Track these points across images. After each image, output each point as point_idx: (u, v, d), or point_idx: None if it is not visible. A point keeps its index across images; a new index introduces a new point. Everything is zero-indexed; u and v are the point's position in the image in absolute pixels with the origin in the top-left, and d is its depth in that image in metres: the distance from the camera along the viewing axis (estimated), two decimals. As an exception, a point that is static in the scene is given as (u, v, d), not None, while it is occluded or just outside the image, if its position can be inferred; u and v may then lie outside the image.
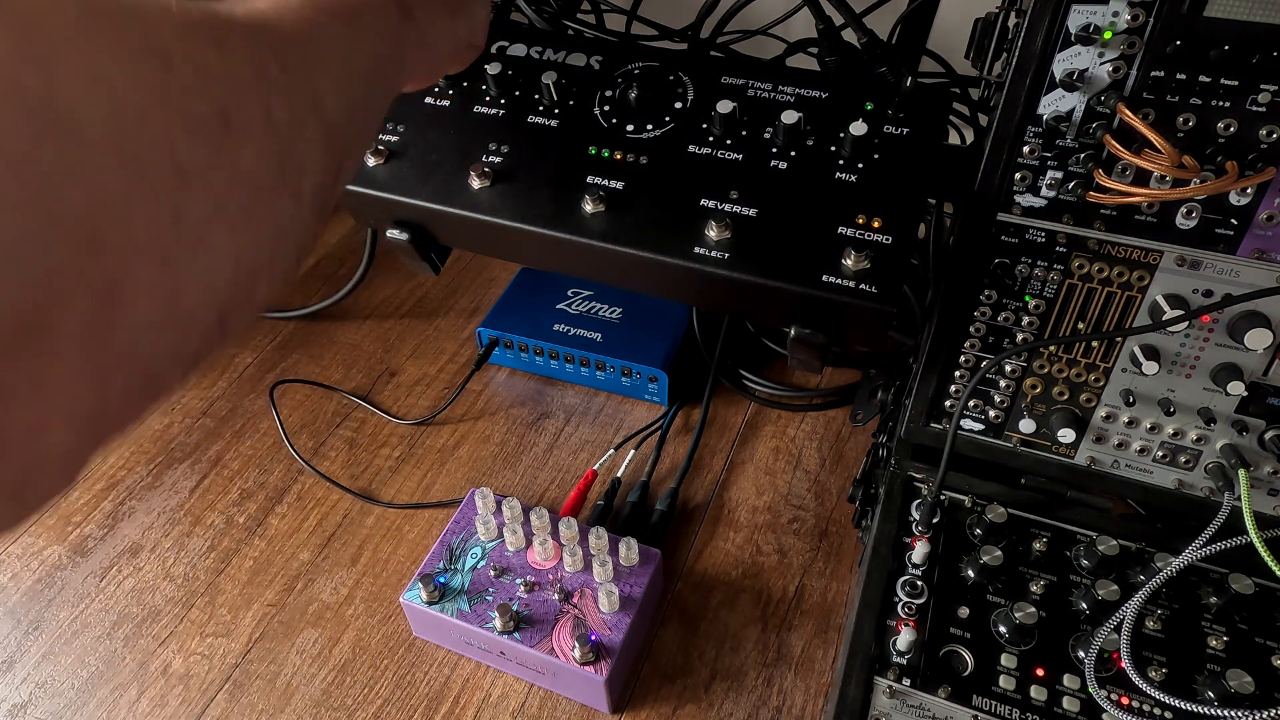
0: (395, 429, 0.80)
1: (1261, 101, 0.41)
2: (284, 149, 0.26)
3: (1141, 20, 0.41)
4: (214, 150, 0.22)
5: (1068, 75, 0.43)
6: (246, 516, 0.73)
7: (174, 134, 0.21)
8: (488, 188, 0.54)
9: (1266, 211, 0.43)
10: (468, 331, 0.91)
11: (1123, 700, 0.46)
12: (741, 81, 0.55)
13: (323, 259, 1.03)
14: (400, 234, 0.59)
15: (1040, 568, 0.53)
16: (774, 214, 0.50)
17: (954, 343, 0.53)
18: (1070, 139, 0.45)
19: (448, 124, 0.58)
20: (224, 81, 0.23)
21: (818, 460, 0.76)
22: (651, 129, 0.55)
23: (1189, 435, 0.51)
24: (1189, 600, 0.51)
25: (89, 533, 0.72)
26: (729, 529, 0.70)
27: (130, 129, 0.19)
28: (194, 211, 0.22)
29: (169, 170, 0.21)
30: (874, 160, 0.51)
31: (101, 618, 0.66)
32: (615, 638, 0.57)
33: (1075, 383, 0.52)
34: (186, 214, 0.21)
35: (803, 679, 0.60)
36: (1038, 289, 0.49)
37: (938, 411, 0.56)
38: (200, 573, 0.69)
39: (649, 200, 0.52)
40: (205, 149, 0.22)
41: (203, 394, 0.85)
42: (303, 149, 0.27)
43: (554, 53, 0.59)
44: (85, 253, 0.18)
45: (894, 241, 0.48)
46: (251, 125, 0.24)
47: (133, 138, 0.20)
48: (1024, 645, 0.49)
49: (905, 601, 0.51)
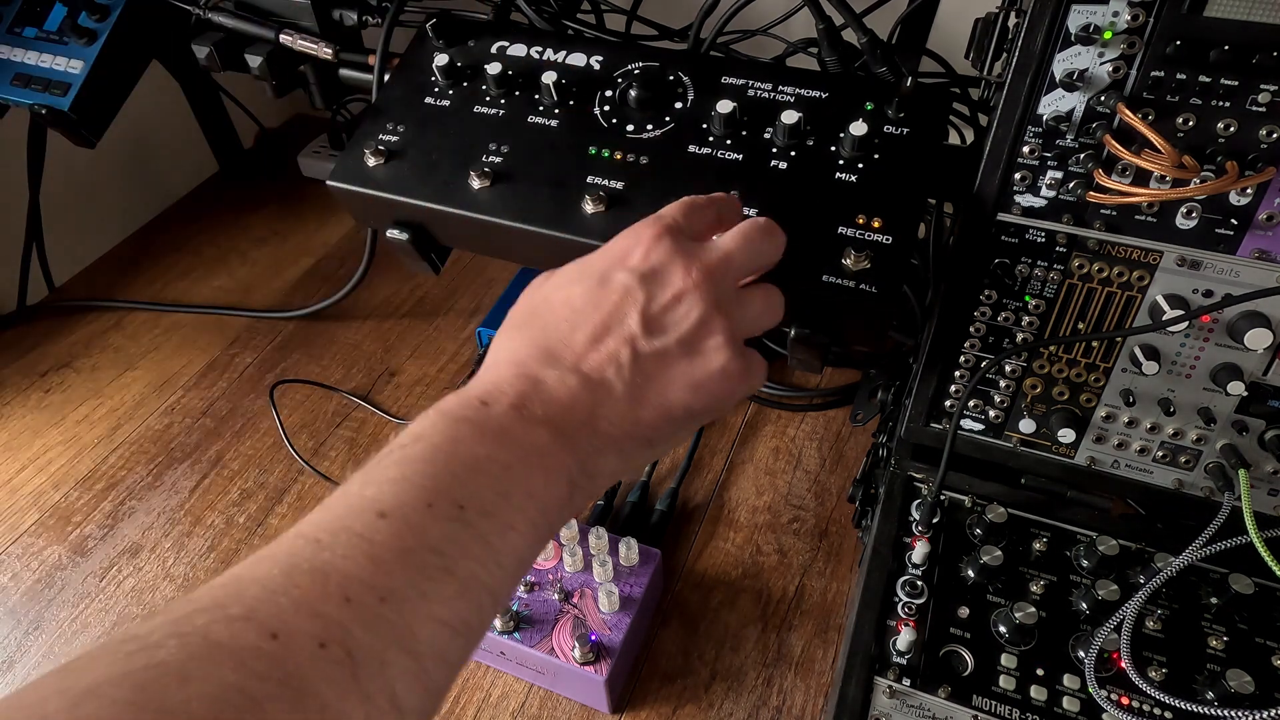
0: (395, 429, 0.80)
1: (1261, 101, 0.41)
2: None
3: (1141, 20, 0.41)
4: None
5: (1068, 75, 0.43)
6: (246, 516, 0.73)
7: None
8: (488, 188, 0.54)
9: (1266, 211, 0.43)
10: (468, 331, 0.91)
11: (1123, 700, 0.46)
12: (741, 81, 0.55)
13: (322, 259, 1.03)
14: (400, 234, 0.59)
15: (1040, 568, 0.53)
16: (774, 214, 0.50)
17: (954, 343, 0.53)
18: (1070, 139, 0.45)
19: (448, 124, 0.58)
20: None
21: (818, 460, 0.76)
22: (651, 129, 0.55)
23: (1189, 435, 0.51)
24: (1189, 600, 0.51)
25: (89, 533, 0.72)
26: (729, 529, 0.70)
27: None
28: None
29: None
30: (874, 160, 0.51)
31: (101, 618, 0.66)
32: (615, 638, 0.57)
33: (1075, 383, 0.52)
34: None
35: (803, 679, 0.60)
36: (1038, 289, 0.49)
37: (938, 411, 0.56)
38: (200, 573, 0.69)
39: (649, 200, 0.52)
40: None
41: (203, 394, 0.85)
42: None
43: (554, 53, 0.59)
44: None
45: (894, 241, 0.48)
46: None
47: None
48: (1024, 645, 0.49)
49: (905, 601, 0.51)
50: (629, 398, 0.35)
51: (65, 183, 1.06)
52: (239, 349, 0.90)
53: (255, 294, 0.97)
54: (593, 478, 0.35)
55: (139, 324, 0.94)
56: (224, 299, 0.97)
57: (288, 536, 0.29)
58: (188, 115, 1.12)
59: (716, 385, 0.37)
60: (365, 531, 0.29)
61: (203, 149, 1.17)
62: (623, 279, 0.37)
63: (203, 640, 0.25)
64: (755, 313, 0.39)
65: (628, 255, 0.38)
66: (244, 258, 1.03)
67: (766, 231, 0.41)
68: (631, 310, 0.36)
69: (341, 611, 0.27)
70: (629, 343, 0.36)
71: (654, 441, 0.37)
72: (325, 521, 0.29)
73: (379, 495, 0.30)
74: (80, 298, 0.97)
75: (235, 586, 0.27)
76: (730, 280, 0.39)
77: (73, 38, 0.78)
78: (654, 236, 0.38)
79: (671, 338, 0.36)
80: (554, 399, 0.35)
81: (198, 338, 0.92)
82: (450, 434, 0.32)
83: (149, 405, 0.84)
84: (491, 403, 0.34)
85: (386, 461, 0.32)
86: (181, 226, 1.09)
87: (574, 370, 0.35)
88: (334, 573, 0.27)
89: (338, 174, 0.57)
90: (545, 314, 0.38)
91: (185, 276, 1.00)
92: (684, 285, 0.37)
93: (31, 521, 0.73)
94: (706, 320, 0.37)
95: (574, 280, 0.39)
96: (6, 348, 0.91)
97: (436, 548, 0.29)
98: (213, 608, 0.26)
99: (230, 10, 0.73)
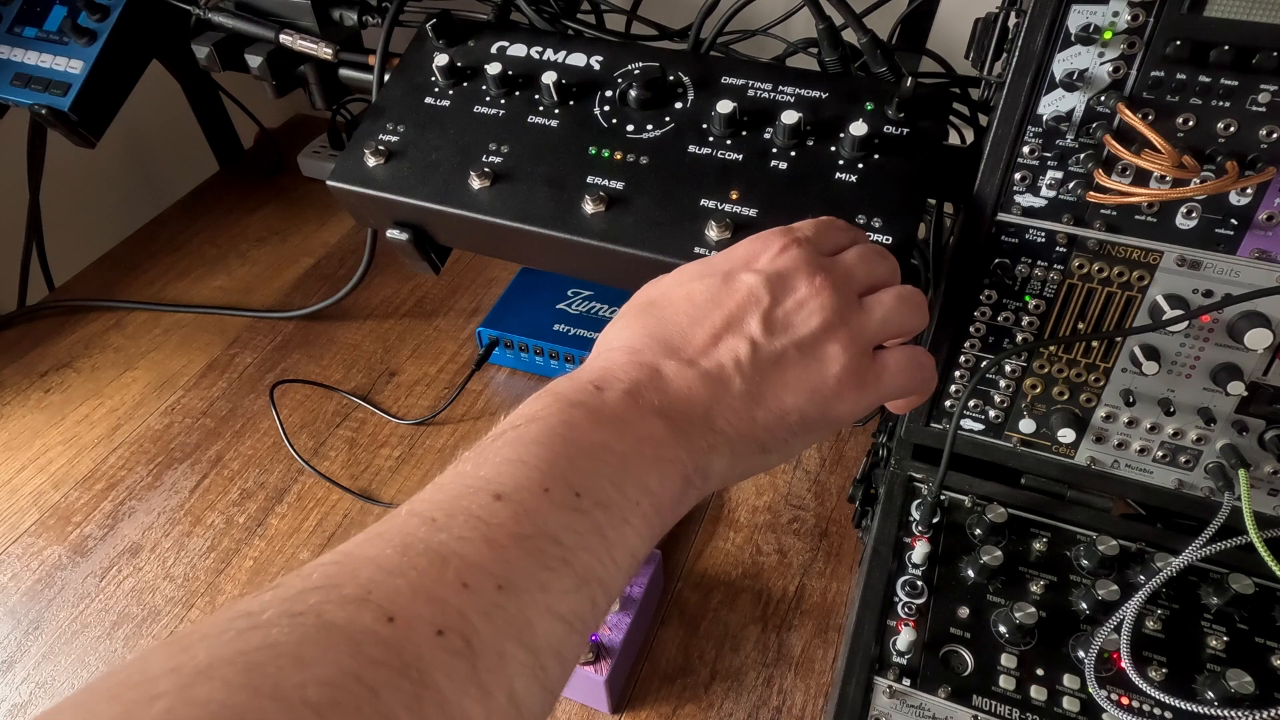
0: (395, 429, 0.80)
1: (1261, 101, 0.41)
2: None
3: (1141, 20, 0.41)
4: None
5: (1068, 75, 0.43)
6: (246, 516, 0.73)
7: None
8: (488, 188, 0.54)
9: (1266, 211, 0.43)
10: (468, 331, 0.91)
11: (1123, 700, 0.46)
12: (741, 81, 0.55)
13: (322, 259, 1.03)
14: (400, 234, 0.59)
15: (1040, 568, 0.53)
16: (774, 214, 0.50)
17: (954, 343, 0.53)
18: (1070, 139, 0.45)
19: (448, 124, 0.58)
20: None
21: (818, 460, 0.76)
22: (651, 129, 0.55)
23: (1189, 435, 0.51)
24: (1189, 600, 0.51)
25: (89, 533, 0.72)
26: (729, 529, 0.70)
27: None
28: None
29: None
30: (874, 160, 0.51)
31: (101, 618, 0.66)
32: (615, 638, 0.57)
33: (1075, 383, 0.52)
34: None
35: (803, 679, 0.60)
36: (1038, 289, 0.49)
37: (938, 411, 0.56)
38: (200, 573, 0.69)
39: (649, 200, 0.52)
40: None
41: (203, 394, 0.85)
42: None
43: (554, 53, 0.59)
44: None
45: (894, 241, 0.48)
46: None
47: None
48: (1024, 645, 0.49)
49: (905, 601, 0.51)
50: (746, 396, 0.35)
51: (65, 183, 1.06)
52: (239, 349, 0.90)
53: (255, 294, 0.97)
54: (706, 477, 0.34)
55: (139, 324, 0.94)
56: (224, 299, 0.97)
57: (400, 514, 0.28)
58: (188, 115, 1.12)
59: (831, 391, 0.36)
60: (482, 514, 0.28)
61: (203, 149, 1.17)
62: (748, 280, 0.37)
63: (317, 621, 0.24)
64: (878, 319, 0.39)
65: (755, 258, 0.38)
66: (244, 258, 1.03)
67: (879, 252, 0.41)
68: (754, 310, 0.36)
69: (460, 598, 0.25)
70: (749, 341, 0.35)
71: (768, 446, 0.36)
72: (440, 500, 0.29)
73: (494, 476, 0.29)
74: (80, 298, 0.97)
75: (349, 564, 0.26)
76: (852, 291, 0.38)
77: (73, 38, 0.78)
78: (783, 245, 0.38)
79: (790, 340, 0.36)
80: (671, 390, 0.34)
81: (198, 338, 0.92)
82: (565, 417, 0.32)
83: (149, 405, 0.84)
84: (606, 387, 0.33)
85: (500, 442, 0.31)
86: (181, 226, 1.09)
87: (691, 364, 0.35)
88: (452, 556, 0.26)
89: (338, 174, 0.57)
90: (665, 306, 0.38)
91: (185, 276, 1.00)
92: (808, 291, 0.37)
93: (31, 521, 0.73)
94: (827, 327, 0.36)
95: (697, 276, 0.38)
96: (6, 348, 0.91)
97: (555, 536, 0.28)
98: (326, 586, 0.25)
99: (230, 10, 0.73)
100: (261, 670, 0.22)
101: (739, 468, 0.36)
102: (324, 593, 0.25)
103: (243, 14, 0.72)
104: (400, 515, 0.28)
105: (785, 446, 0.37)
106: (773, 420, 0.35)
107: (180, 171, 1.17)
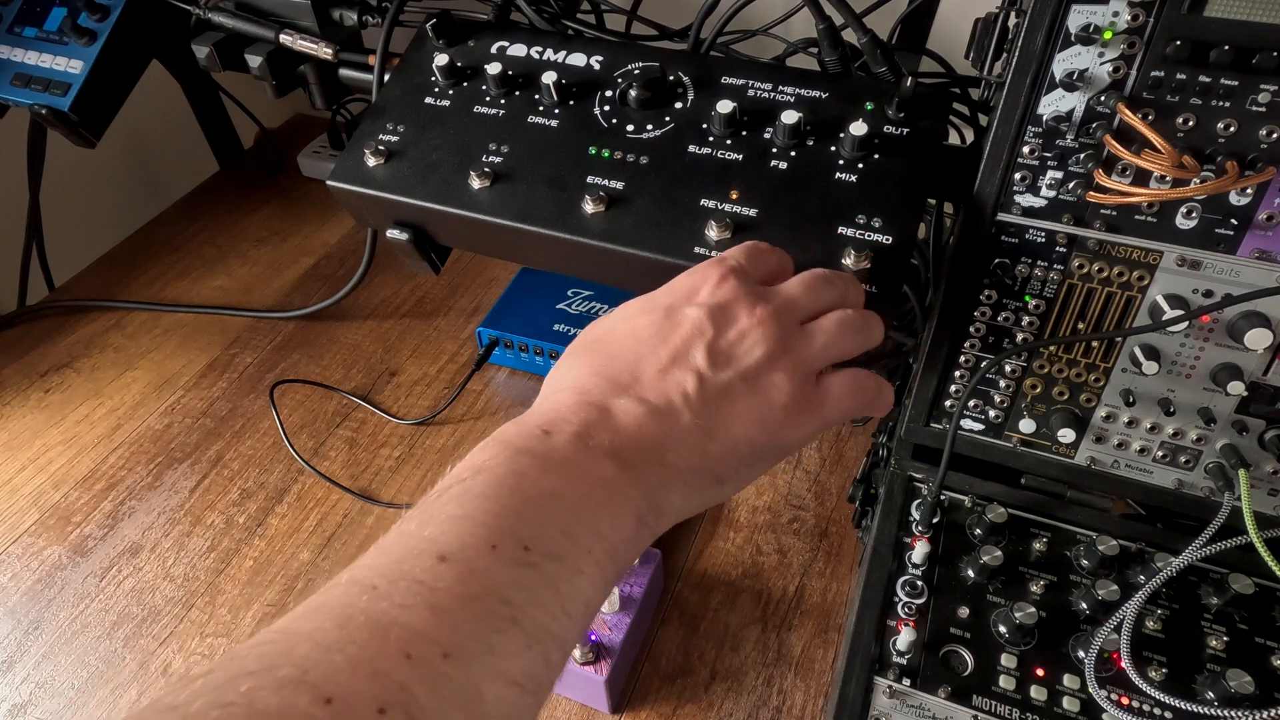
0: (395, 429, 0.80)
1: (1261, 101, 0.41)
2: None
3: (1141, 20, 0.41)
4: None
5: (1068, 75, 0.43)
6: (246, 516, 0.73)
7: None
8: (488, 188, 0.54)
9: (1266, 211, 0.43)
10: (468, 331, 0.91)
11: (1123, 700, 0.46)
12: (741, 81, 0.55)
13: (322, 259, 1.03)
14: (400, 234, 0.59)
15: (1040, 568, 0.53)
16: (774, 214, 0.50)
17: (954, 343, 0.53)
18: (1070, 139, 0.45)
19: (448, 124, 0.58)
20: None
21: (818, 460, 0.76)
22: (651, 129, 0.55)
23: (1189, 435, 0.51)
24: (1189, 600, 0.51)
25: (89, 533, 0.72)
26: (729, 529, 0.70)
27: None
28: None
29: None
30: (874, 160, 0.51)
31: (101, 618, 0.66)
32: (615, 638, 0.57)
33: (1075, 383, 0.52)
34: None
35: (803, 679, 0.60)
36: (1038, 289, 0.49)
37: (938, 411, 0.56)
38: (200, 573, 0.69)
39: (649, 200, 0.52)
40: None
41: (203, 394, 0.85)
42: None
43: (554, 53, 0.59)
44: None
45: (894, 241, 0.48)
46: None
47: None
48: (1024, 645, 0.49)
49: (905, 601, 0.51)
50: (697, 429, 0.35)
51: (65, 183, 1.06)
52: (239, 349, 0.90)
53: (255, 294, 0.97)
54: (660, 514, 0.34)
55: (139, 324, 0.94)
56: (224, 299, 0.97)
57: (340, 583, 0.27)
58: (188, 115, 1.12)
59: (778, 420, 0.37)
60: (425, 578, 0.27)
61: (203, 149, 1.17)
62: (691, 313, 0.37)
63: (248, 711, 0.23)
64: (820, 345, 0.39)
65: (695, 291, 0.39)
66: (244, 258, 1.03)
67: (825, 277, 0.41)
68: (699, 342, 0.36)
69: (402, 670, 0.24)
70: (695, 374, 0.36)
71: (722, 478, 0.36)
72: (382, 566, 0.27)
73: (439, 535, 0.28)
74: (80, 298, 0.97)
75: (285, 643, 0.25)
76: (793, 319, 0.39)
77: (73, 38, 0.78)
78: (721, 275, 0.39)
79: (735, 371, 0.36)
80: (620, 428, 0.34)
81: (198, 338, 0.92)
82: (512, 467, 0.31)
83: (149, 405, 0.84)
84: (554, 431, 0.33)
85: (445, 497, 0.30)
86: (181, 226, 1.09)
87: (641, 400, 0.35)
88: (393, 625, 0.25)
89: (338, 174, 0.57)
90: (610, 343, 0.38)
91: (185, 276, 1.00)
92: (749, 322, 0.37)
93: (31, 521, 0.73)
94: (771, 357, 0.37)
95: (640, 312, 0.39)
96: (6, 348, 0.91)
97: (503, 595, 0.27)
98: (260, 671, 0.24)
99: (230, 10, 0.73)
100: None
101: (694, 500, 0.36)
102: (257, 678, 0.24)
103: (243, 14, 0.72)
104: (341, 584, 0.27)
105: (738, 476, 0.37)
106: (724, 451, 0.36)
107: (180, 171, 1.17)
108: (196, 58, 0.74)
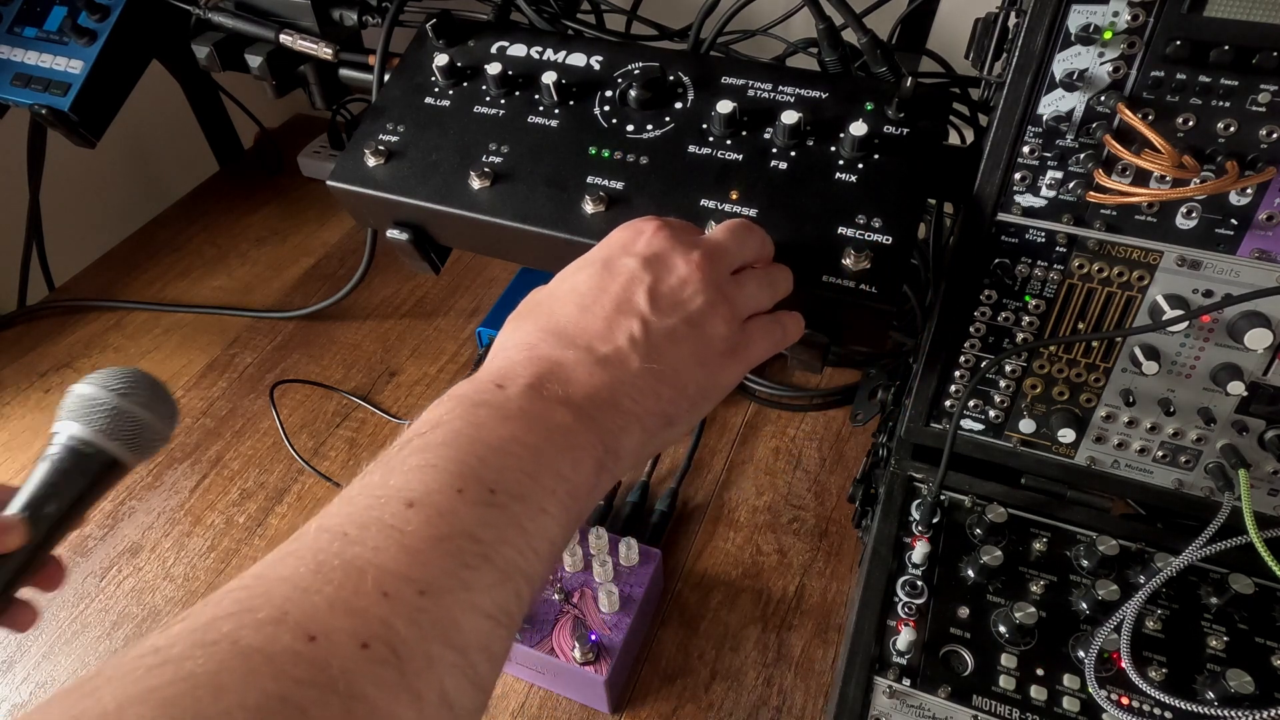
0: (395, 429, 0.80)
1: (1261, 101, 0.41)
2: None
3: (1141, 20, 0.41)
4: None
5: (1068, 75, 0.43)
6: (246, 516, 0.73)
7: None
8: (488, 188, 0.54)
9: (1266, 211, 0.43)
10: (468, 331, 0.91)
11: (1123, 700, 0.46)
12: (741, 81, 0.55)
13: (322, 259, 1.03)
14: (400, 234, 0.59)
15: (1040, 568, 0.53)
16: (774, 214, 0.50)
17: (954, 343, 0.53)
18: (1070, 139, 0.45)
19: (448, 124, 0.58)
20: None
21: (818, 460, 0.76)
22: (651, 129, 0.55)
23: (1189, 435, 0.51)
24: (1189, 600, 0.51)
25: (89, 533, 0.72)
26: (729, 529, 0.70)
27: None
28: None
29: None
30: (874, 160, 0.51)
31: (101, 618, 0.66)
32: (615, 638, 0.57)
33: (1075, 383, 0.52)
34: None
35: (803, 679, 0.60)
36: (1038, 289, 0.49)
37: (938, 411, 0.56)
38: (200, 573, 0.69)
39: (649, 200, 0.52)
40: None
41: (203, 394, 0.85)
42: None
43: (554, 53, 0.59)
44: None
45: (894, 241, 0.48)
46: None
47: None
48: (1024, 645, 0.49)
49: (905, 601, 0.51)
50: (647, 373, 0.36)
51: (65, 183, 1.06)
52: (239, 349, 0.90)
53: (255, 294, 0.97)
54: (618, 458, 0.35)
55: (139, 324, 0.94)
56: (224, 299, 0.97)
57: (309, 532, 0.28)
58: (188, 115, 1.12)
59: (717, 363, 0.38)
60: (395, 522, 0.27)
61: (203, 149, 1.17)
62: (628, 263, 0.38)
63: (232, 648, 0.23)
64: (751, 291, 0.41)
65: (630, 244, 0.40)
66: (244, 258, 1.03)
67: (746, 227, 0.43)
68: (640, 290, 0.37)
69: (381, 607, 0.25)
70: (640, 320, 0.37)
71: (674, 420, 0.37)
72: (350, 514, 0.28)
73: (405, 484, 0.29)
74: (80, 298, 0.97)
75: (260, 587, 0.26)
76: (725, 266, 0.40)
77: (73, 38, 0.78)
78: (654, 229, 0.40)
79: (680, 317, 0.38)
80: (573, 379, 0.35)
81: (197, 338, 0.92)
82: (470, 418, 0.32)
83: (149, 405, 0.84)
84: (507, 384, 0.33)
85: (405, 451, 0.31)
86: (181, 226, 1.09)
87: (589, 350, 0.36)
88: (368, 567, 0.26)
89: (338, 174, 0.57)
90: (552, 302, 0.38)
91: (185, 276, 1.00)
92: (687, 270, 0.39)
93: (31, 521, 0.73)
94: (712, 303, 0.38)
95: (576, 270, 0.40)
96: (6, 348, 0.91)
97: (472, 534, 0.28)
98: (239, 612, 0.24)
99: (230, 10, 0.73)
100: (177, 705, 0.22)
101: (649, 443, 0.37)
102: (237, 619, 0.24)
103: (243, 14, 0.72)
104: (310, 533, 0.28)
105: (688, 417, 0.38)
106: (674, 394, 0.37)
107: (180, 171, 1.17)
108: (196, 58, 0.74)
